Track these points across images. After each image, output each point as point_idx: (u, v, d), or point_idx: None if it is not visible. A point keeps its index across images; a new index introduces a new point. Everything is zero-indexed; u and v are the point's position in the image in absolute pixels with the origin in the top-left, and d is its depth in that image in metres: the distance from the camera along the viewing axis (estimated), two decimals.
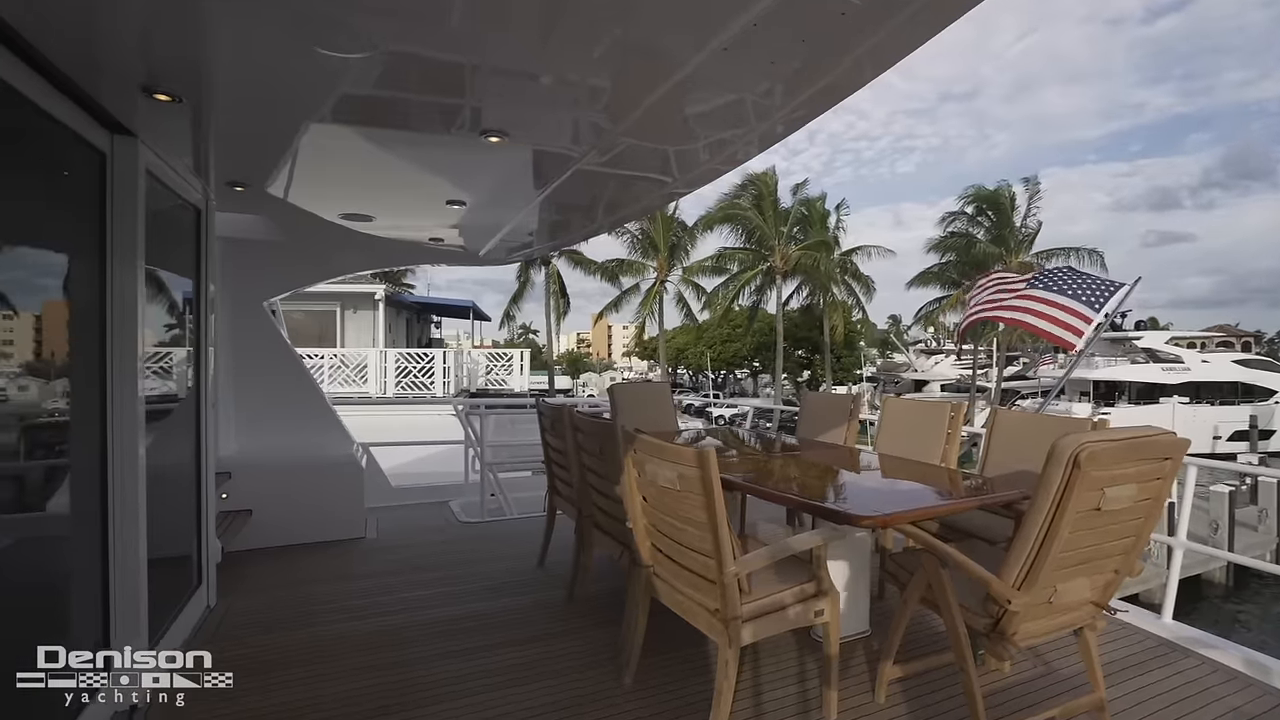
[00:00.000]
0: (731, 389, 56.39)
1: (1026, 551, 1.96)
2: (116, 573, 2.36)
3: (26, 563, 2.11)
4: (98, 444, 2.33)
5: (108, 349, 2.36)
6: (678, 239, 28.86)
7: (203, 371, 3.32)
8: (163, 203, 2.89)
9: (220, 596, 3.46)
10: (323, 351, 15.52)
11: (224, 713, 2.43)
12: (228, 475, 4.31)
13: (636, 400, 5.11)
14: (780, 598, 2.27)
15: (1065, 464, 1.83)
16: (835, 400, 4.59)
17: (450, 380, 16.41)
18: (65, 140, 2.17)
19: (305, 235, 4.36)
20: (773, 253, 27.36)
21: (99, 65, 1.98)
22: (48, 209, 2.19)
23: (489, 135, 2.41)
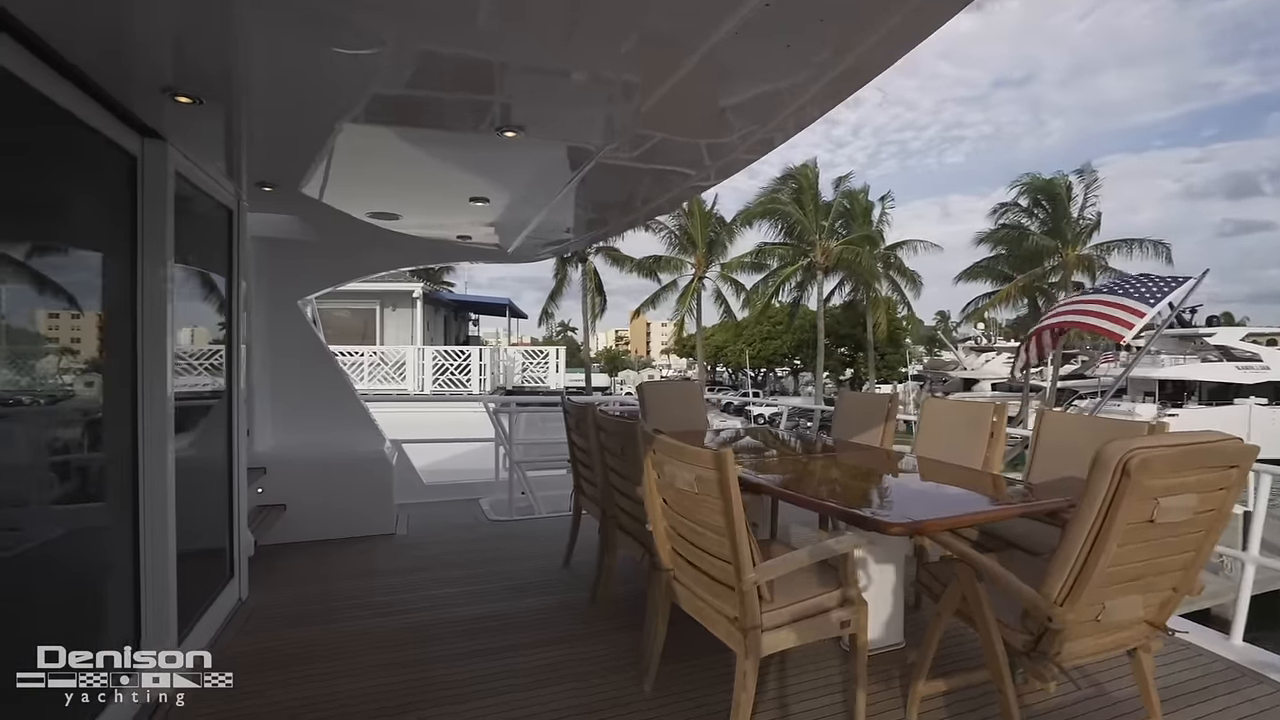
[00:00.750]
0: (771, 387, 55.71)
1: (1070, 565, 1.84)
2: (147, 566, 2.44)
3: (64, 555, 2.20)
4: (129, 440, 2.41)
5: (138, 346, 2.44)
6: (716, 234, 28.63)
7: (234, 369, 3.42)
8: (194, 204, 2.98)
9: (252, 590, 3.56)
10: (363, 349, 15.96)
11: (248, 706, 2.48)
12: (262, 470, 4.44)
13: (666, 399, 5.06)
14: (804, 607, 2.19)
15: (1113, 471, 1.71)
16: (872, 400, 4.45)
17: (486, 377, 16.66)
18: (98, 145, 2.25)
19: (337, 234, 4.45)
20: (813, 248, 26.85)
21: (127, 72, 2.04)
22: (84, 211, 2.28)
23: (505, 131, 2.39)
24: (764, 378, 54.90)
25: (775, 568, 2.08)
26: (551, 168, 2.94)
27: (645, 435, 2.55)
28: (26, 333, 2.04)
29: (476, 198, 3.46)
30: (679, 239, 28.56)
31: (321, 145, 2.74)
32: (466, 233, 4.48)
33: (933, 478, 3.09)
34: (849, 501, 2.53)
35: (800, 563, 2.14)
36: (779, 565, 2.10)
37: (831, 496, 2.65)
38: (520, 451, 6.26)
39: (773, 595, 2.17)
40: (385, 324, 17.76)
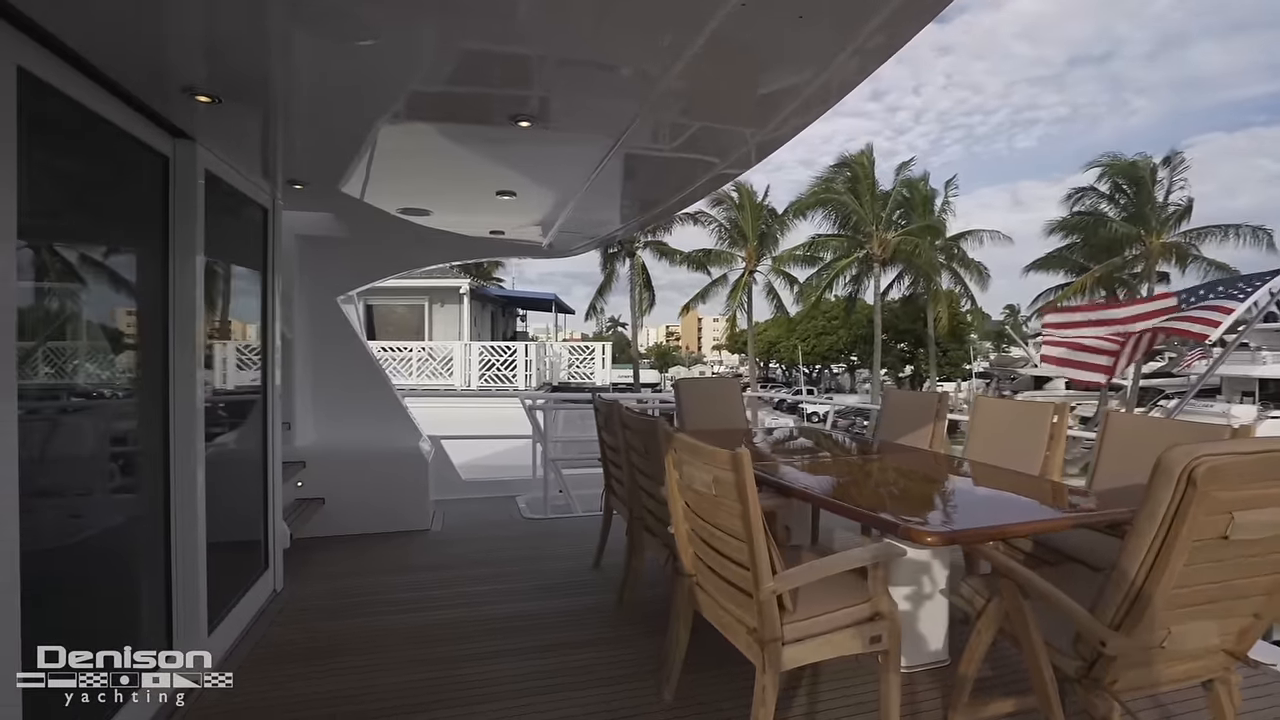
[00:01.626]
0: (827, 384, 54.49)
1: (1127, 585, 1.67)
2: (177, 555, 2.54)
3: (102, 545, 2.31)
4: (160, 434, 2.51)
5: (169, 340, 2.53)
6: (767, 227, 28.13)
7: (270, 364, 3.52)
8: (229, 202, 3.08)
9: (287, 581, 3.68)
10: (412, 344, 16.42)
11: (274, 697, 2.55)
12: (302, 464, 4.59)
13: (703, 396, 4.96)
14: (830, 620, 2.08)
15: (1176, 481, 1.54)
16: (920, 399, 4.25)
17: (532, 373, 16.88)
18: (131, 146, 2.35)
19: (373, 230, 4.54)
20: (870, 239, 26.00)
21: (152, 75, 2.12)
22: (121, 210, 2.41)
23: (520, 120, 2.36)
24: (819, 375, 53.77)
25: (797, 577, 1.98)
26: (572, 160, 2.90)
27: (666, 433, 2.48)
28: (71, 328, 2.14)
29: (503, 191, 3.45)
30: (729, 232, 28.20)
31: (350, 143, 2.80)
32: (499, 227, 4.50)
33: (982, 483, 2.90)
34: (884, 507, 2.40)
35: (824, 572, 2.03)
36: (801, 574, 1.99)
37: (866, 501, 2.52)
38: (559, 449, 6.28)
39: (795, 606, 2.07)
40: (434, 320, 18.23)
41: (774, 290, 29.01)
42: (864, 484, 2.90)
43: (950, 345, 35.53)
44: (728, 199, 28.01)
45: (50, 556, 2.02)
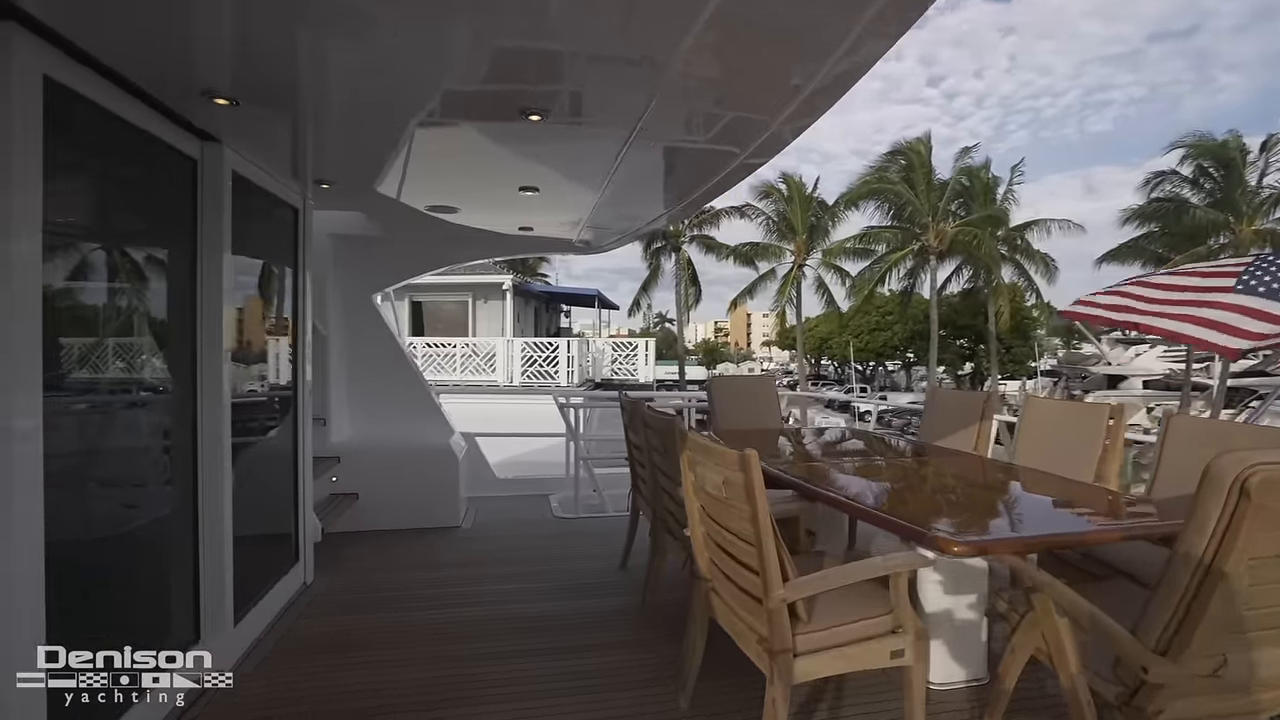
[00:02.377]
0: (881, 382, 53.07)
1: (1174, 605, 1.53)
2: (205, 546, 2.64)
3: (131, 538, 2.43)
4: (189, 429, 2.61)
5: (197, 338, 2.64)
6: (817, 219, 27.53)
7: (301, 361, 3.64)
8: (258, 202, 3.19)
9: (318, 574, 3.80)
10: (455, 341, 16.77)
11: (300, 687, 2.63)
12: (336, 460, 4.73)
13: (737, 394, 4.88)
14: (848, 631, 2.00)
15: (1228, 491, 1.40)
16: (965, 399, 4.06)
17: (574, 370, 17.02)
18: (162, 150, 2.47)
19: (405, 228, 4.64)
20: (925, 230, 25.11)
21: (178, 82, 2.22)
22: (154, 211, 2.53)
23: (530, 115, 2.36)
24: (872, 372, 52.44)
25: (810, 585, 1.91)
26: (593, 151, 2.87)
27: (681, 432, 2.43)
28: (104, 326, 2.25)
29: (526, 187, 3.46)
30: (777, 225, 27.73)
31: (376, 143, 2.88)
32: (527, 224, 4.52)
33: (1024, 489, 2.74)
34: (912, 513, 2.29)
35: (840, 581, 1.95)
36: (814, 582, 1.92)
37: (894, 506, 2.41)
38: (592, 447, 6.30)
39: (809, 615, 1.99)
40: (477, 316, 18.58)
41: (824, 284, 28.36)
42: (895, 488, 2.79)
43: (1014, 341, 34.04)
44: (775, 191, 27.55)
45: (83, 547, 2.14)
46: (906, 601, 2.02)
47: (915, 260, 26.26)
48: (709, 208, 29.05)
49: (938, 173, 25.66)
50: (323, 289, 4.77)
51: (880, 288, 27.23)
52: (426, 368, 16.38)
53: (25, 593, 1.73)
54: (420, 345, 16.51)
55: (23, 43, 1.74)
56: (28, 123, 1.76)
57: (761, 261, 28.54)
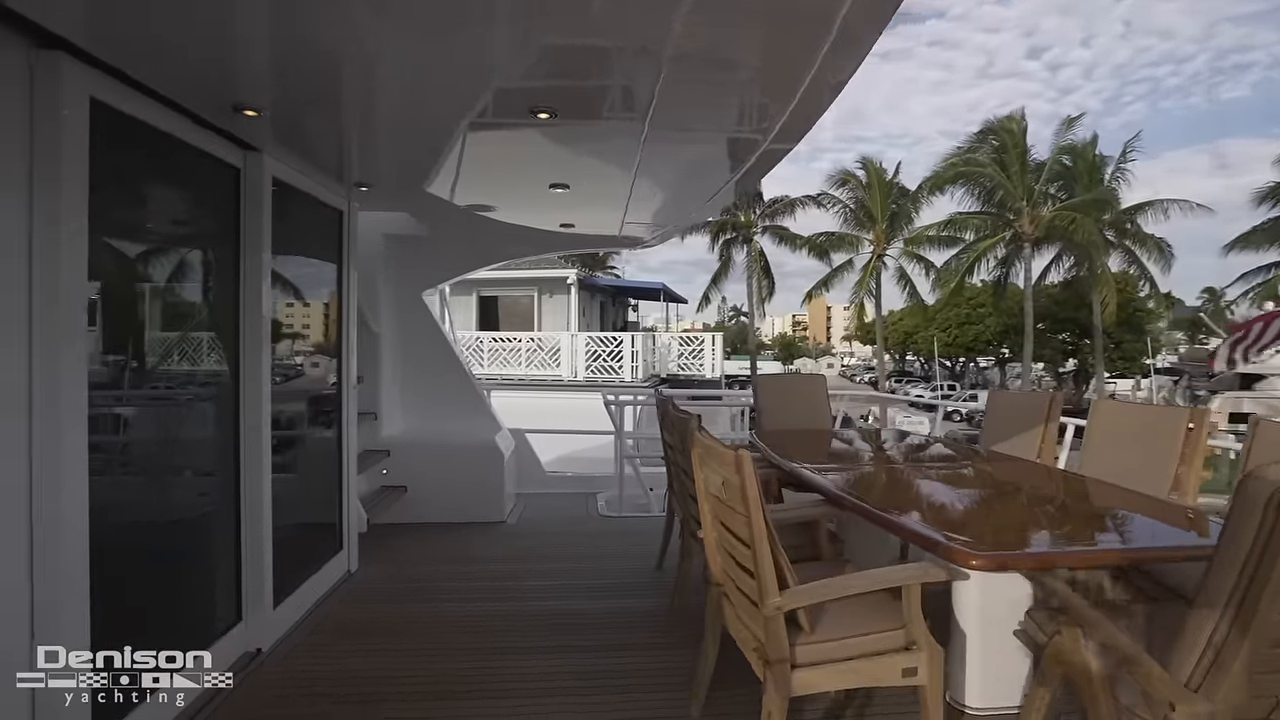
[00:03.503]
0: (972, 379, 50.50)
1: (1207, 637, 1.40)
2: (246, 534, 2.86)
3: (178, 525, 2.68)
4: (231, 423, 2.83)
5: (240, 336, 2.85)
6: (898, 206, 26.41)
7: (345, 358, 3.85)
8: (302, 205, 3.41)
9: (362, 563, 4.02)
10: (521, 335, 17.21)
11: (328, 670, 2.81)
12: (386, 453, 4.98)
13: (784, 393, 4.79)
14: (855, 644, 1.93)
15: (1264, 510, 1.26)
16: (1028, 401, 3.83)
17: (639, 365, 17.10)
18: (207, 160, 2.70)
19: (452, 228, 4.82)
20: (1019, 216, 23.54)
21: (214, 98, 2.41)
22: (199, 216, 2.78)
23: (537, 113, 2.40)
24: (963, 368, 49.98)
25: (807, 593, 1.86)
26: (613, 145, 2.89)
27: (692, 431, 2.42)
28: (155, 324, 2.51)
29: (556, 184, 3.52)
30: (855, 213, 26.79)
31: (410, 148, 3.06)
32: (568, 220, 4.59)
33: (1077, 500, 2.56)
34: (936, 522, 2.19)
35: (842, 591, 1.89)
36: (813, 591, 1.87)
37: (921, 513, 2.31)
38: (642, 445, 6.34)
39: (813, 626, 1.94)
40: (542, 310, 19.00)
41: (906, 275, 27.18)
42: (930, 495, 2.66)
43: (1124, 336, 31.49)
44: (853, 178, 26.64)
45: (138, 530, 2.41)
46: (919, 616, 1.93)
47: (1008, 248, 24.69)
48: (783, 196, 28.47)
49: (1034, 152, 23.99)
50: (374, 287, 5.02)
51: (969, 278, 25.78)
52: (492, 362, 16.91)
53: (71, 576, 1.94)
54: (487, 340, 17.06)
55: (70, 69, 1.94)
56: (75, 138, 1.96)
57: (837, 252, 27.68)
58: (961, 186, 23.93)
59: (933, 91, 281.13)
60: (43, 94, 1.90)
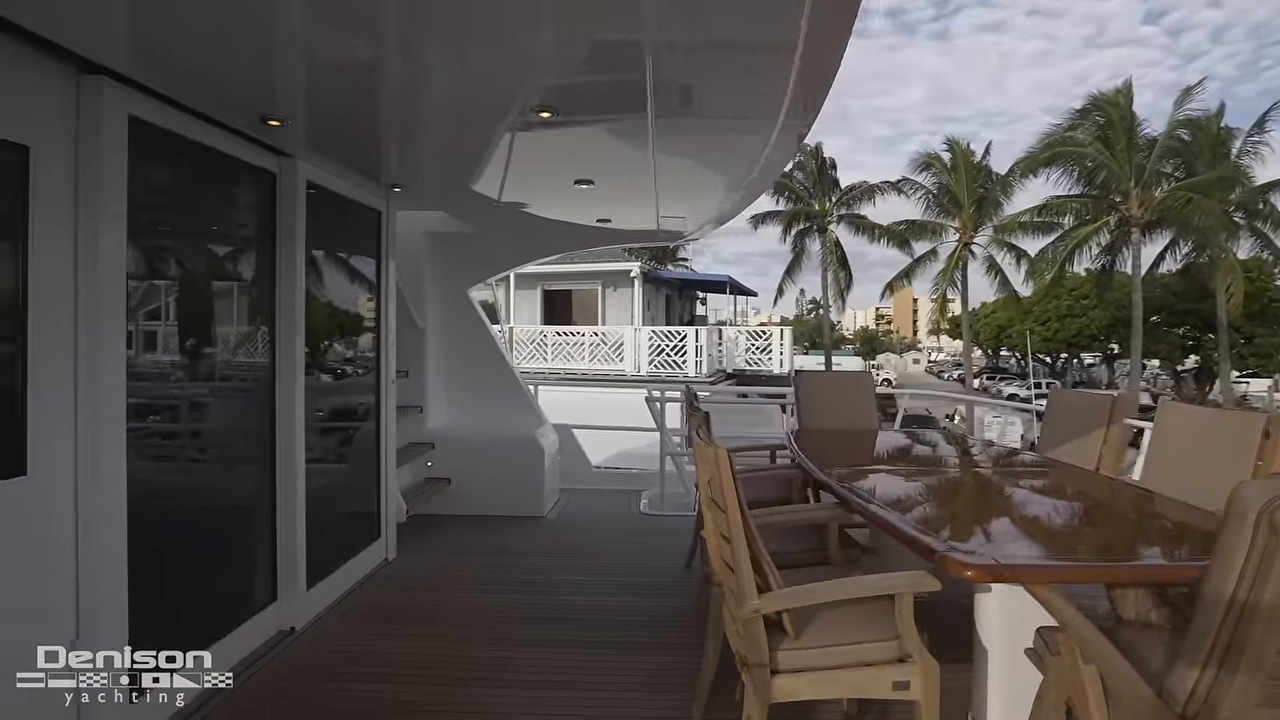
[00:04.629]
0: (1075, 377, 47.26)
1: (1201, 660, 1.30)
2: (281, 520, 3.09)
3: (224, 508, 2.94)
4: (268, 413, 3.06)
5: (276, 331, 3.09)
6: (986, 190, 24.98)
7: (384, 354, 4.07)
8: (339, 207, 3.63)
9: (401, 552, 4.24)
10: (584, 329, 17.48)
11: (354, 650, 3.01)
12: (431, 445, 5.22)
13: (827, 392, 4.67)
14: (841, 653, 1.90)
15: (1252, 528, 1.17)
16: (1088, 402, 3.57)
17: (703, 360, 17.05)
18: (246, 167, 2.95)
19: (490, 225, 5.00)
20: (1126, 198, 21.72)
21: (245, 111, 2.64)
22: (239, 219, 3.04)
23: (540, 112, 2.47)
24: (1064, 365, 46.88)
25: (787, 598, 1.85)
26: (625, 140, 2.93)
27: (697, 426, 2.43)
28: (198, 319, 2.78)
29: (580, 180, 3.59)
30: (938, 199, 25.55)
31: (438, 151, 3.27)
32: (604, 216, 4.66)
33: (1115, 513, 2.40)
34: (947, 529, 2.11)
35: (821, 597, 1.86)
36: (793, 596, 1.85)
37: (930, 519, 2.23)
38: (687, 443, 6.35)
39: (798, 631, 1.92)
40: (607, 304, 19.23)
41: (995, 265, 25.68)
42: (946, 500, 2.56)
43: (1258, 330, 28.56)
44: (937, 162, 25.41)
45: (184, 514, 2.69)
46: (912, 627, 1.87)
47: (1113, 234, 22.85)
48: (860, 182, 27.58)
49: (1147, 127, 21.99)
50: (420, 284, 5.26)
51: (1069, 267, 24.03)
52: (556, 356, 17.28)
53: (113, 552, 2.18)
54: (551, 334, 17.43)
55: (111, 91, 2.19)
56: (115, 150, 2.21)
57: (919, 241, 26.48)
58: (1059, 168, 22.31)
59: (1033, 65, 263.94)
60: (87, 112, 2.15)
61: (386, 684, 2.72)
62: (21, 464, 1.98)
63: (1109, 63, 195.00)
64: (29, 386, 1.99)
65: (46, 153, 2.04)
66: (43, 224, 2.02)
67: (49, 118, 2.06)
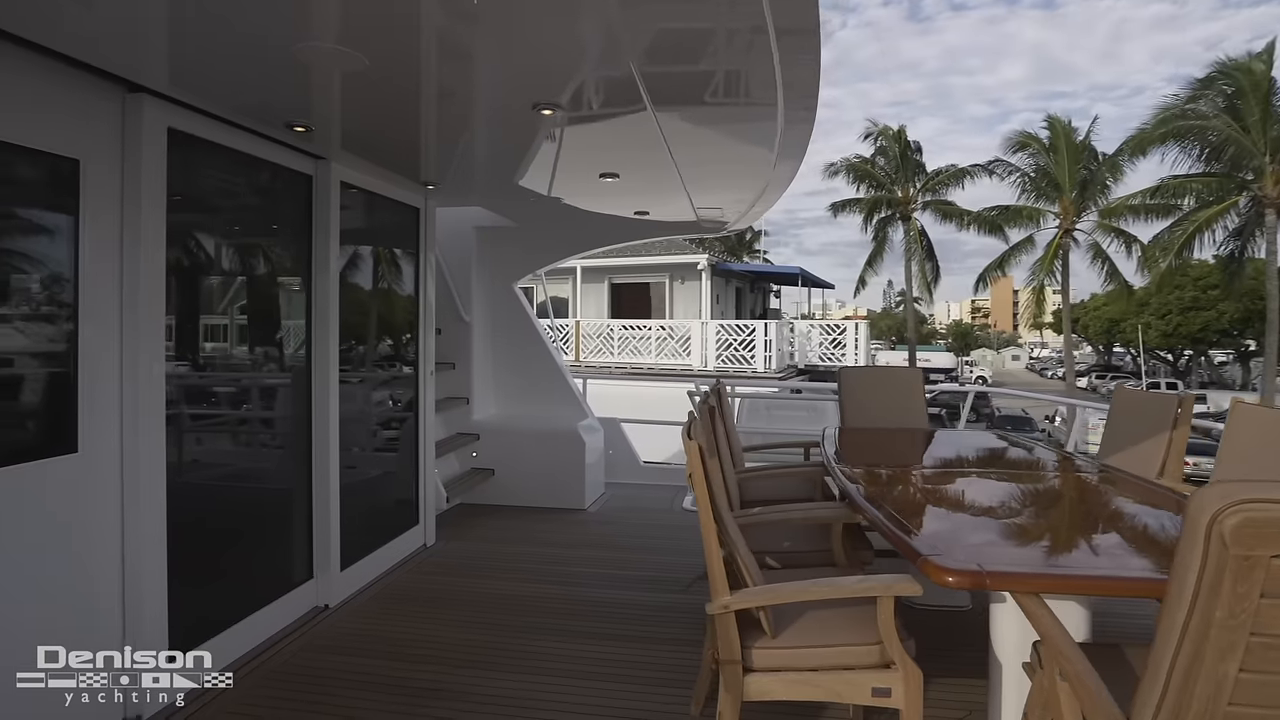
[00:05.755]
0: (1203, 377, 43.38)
1: (1162, 683, 1.24)
2: (316, 503, 3.33)
3: (263, 491, 3.21)
4: (304, 402, 3.31)
5: (311, 322, 3.33)
6: (1090, 171, 23.24)
7: (423, 347, 4.29)
8: (375, 205, 3.86)
9: (439, 539, 4.46)
10: (650, 323, 17.57)
11: (382, 630, 3.21)
12: (476, 436, 5.44)
13: (873, 388, 4.57)
14: (818, 655, 1.89)
15: (1204, 539, 1.10)
16: (1152, 402, 3.34)
17: (773, 355, 16.82)
18: (284, 171, 3.20)
19: (531, 219, 5.15)
20: (1259, 175, 19.60)
21: (274, 120, 2.88)
22: (278, 219, 3.30)
23: (540, 108, 2.55)
24: (1189, 363, 43.13)
25: (758, 595, 1.85)
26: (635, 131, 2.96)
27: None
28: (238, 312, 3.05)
29: (605, 173, 3.66)
30: (1035, 182, 23.98)
31: (463, 148, 3.39)
32: (642, 208, 4.71)
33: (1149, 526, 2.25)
34: (939, 532, 2.05)
35: (793, 596, 1.86)
36: (764, 594, 1.85)
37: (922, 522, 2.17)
38: None
39: (775, 630, 1.92)
40: (674, 297, 19.25)
41: (1102, 253, 23.83)
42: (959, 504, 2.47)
43: None
44: (1034, 141, 23.83)
45: (230, 493, 2.99)
46: (893, 632, 1.84)
47: (1245, 216, 20.73)
48: (948, 166, 26.30)
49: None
50: (467, 277, 5.49)
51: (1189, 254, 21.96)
52: (622, 350, 17.47)
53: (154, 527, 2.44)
54: (617, 328, 17.63)
55: (151, 106, 2.44)
56: (155, 159, 2.46)
57: (1014, 228, 24.95)
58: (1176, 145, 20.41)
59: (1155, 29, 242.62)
60: (131, 127, 2.40)
61: (401, 662, 2.90)
62: (74, 442, 2.25)
63: (1242, 23, 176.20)
64: (79, 372, 2.26)
65: (95, 164, 2.30)
66: (91, 227, 2.29)
67: (98, 133, 2.32)
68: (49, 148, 2.19)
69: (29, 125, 2.12)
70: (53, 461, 2.20)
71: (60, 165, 2.22)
